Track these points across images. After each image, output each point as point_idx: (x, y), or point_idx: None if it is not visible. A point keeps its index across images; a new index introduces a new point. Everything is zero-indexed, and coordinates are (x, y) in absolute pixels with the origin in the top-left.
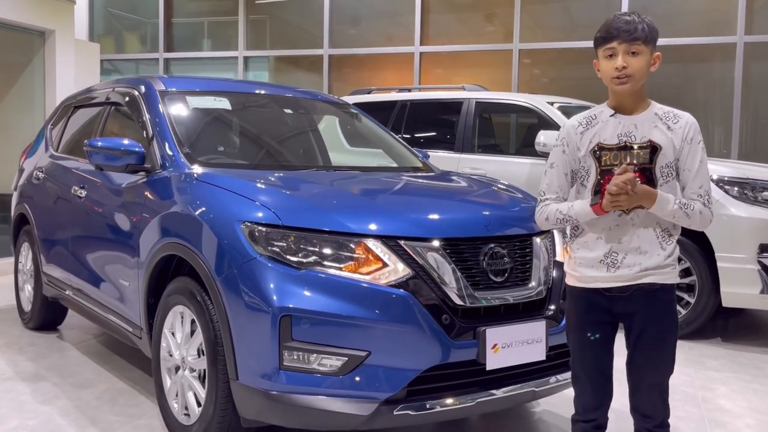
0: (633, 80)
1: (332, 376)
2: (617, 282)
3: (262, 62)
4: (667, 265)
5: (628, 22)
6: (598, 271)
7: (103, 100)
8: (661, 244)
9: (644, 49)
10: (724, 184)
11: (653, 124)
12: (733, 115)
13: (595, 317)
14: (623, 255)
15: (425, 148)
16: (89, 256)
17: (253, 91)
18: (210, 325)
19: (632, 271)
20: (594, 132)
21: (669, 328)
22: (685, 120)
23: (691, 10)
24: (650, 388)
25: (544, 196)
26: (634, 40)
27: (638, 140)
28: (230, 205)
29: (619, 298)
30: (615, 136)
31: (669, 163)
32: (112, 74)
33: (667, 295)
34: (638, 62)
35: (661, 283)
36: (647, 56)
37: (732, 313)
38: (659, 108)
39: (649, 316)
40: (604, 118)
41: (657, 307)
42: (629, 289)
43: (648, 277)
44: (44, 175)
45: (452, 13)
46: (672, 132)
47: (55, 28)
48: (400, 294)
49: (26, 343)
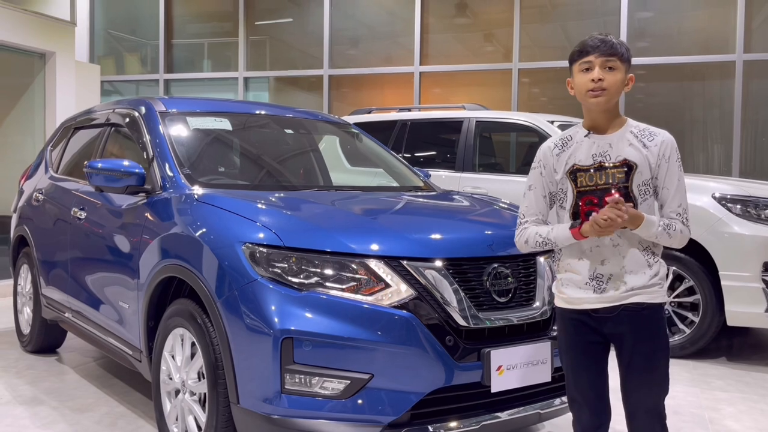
0: (607, 95)
1: (335, 400)
2: (604, 303)
3: (262, 83)
4: (653, 284)
5: (604, 39)
6: (584, 292)
7: (103, 121)
8: (648, 262)
9: (620, 66)
10: (727, 202)
11: (628, 142)
12: (734, 133)
13: (586, 338)
14: (608, 276)
15: (426, 168)
16: (89, 278)
17: (253, 111)
18: (210, 348)
19: (618, 291)
20: (569, 153)
21: (659, 348)
22: (661, 138)
23: (690, 29)
24: (647, 415)
25: (524, 218)
26: (611, 55)
27: (613, 159)
28: (231, 226)
29: (606, 319)
30: (590, 157)
31: (646, 181)
32: (112, 95)
33: (655, 315)
34: (614, 77)
35: (649, 302)
36: (622, 74)
37: (737, 332)
38: (635, 126)
39: (638, 337)
40: (579, 138)
41: (646, 327)
42: (616, 309)
43: (635, 296)
44: (44, 197)
45: (451, 32)
46: (647, 150)
47: (55, 50)
48: (403, 315)
49: (25, 366)
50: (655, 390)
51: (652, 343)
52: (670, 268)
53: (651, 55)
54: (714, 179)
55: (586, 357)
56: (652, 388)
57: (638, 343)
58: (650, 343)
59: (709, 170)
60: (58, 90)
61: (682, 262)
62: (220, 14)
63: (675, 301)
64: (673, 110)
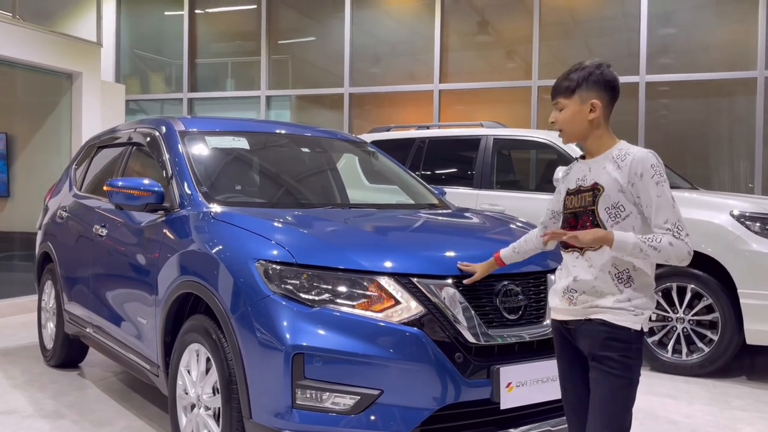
0: (565, 133)
1: (345, 415)
2: (572, 315)
3: (284, 101)
4: (621, 307)
5: (559, 79)
6: (561, 303)
7: (126, 140)
8: (618, 286)
9: (566, 101)
10: (746, 219)
11: (603, 165)
12: (756, 149)
13: (567, 348)
14: (580, 293)
15: (444, 185)
16: (109, 294)
17: (272, 130)
18: (224, 363)
19: (583, 306)
20: (569, 177)
21: (614, 372)
22: (632, 156)
23: (712, 45)
24: None
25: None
26: (554, 97)
27: (587, 183)
28: (245, 244)
29: (576, 331)
30: (574, 181)
31: (615, 203)
32: (137, 114)
33: (617, 337)
34: (562, 116)
35: (613, 323)
36: (573, 107)
37: (757, 351)
38: (618, 148)
39: (597, 356)
40: (577, 163)
41: (606, 348)
42: (579, 323)
43: (600, 314)
44: (67, 214)
45: (471, 50)
46: (619, 170)
47: (82, 71)
48: (413, 332)
49: (47, 381)
50: (598, 420)
51: (609, 367)
52: (689, 286)
53: (672, 71)
54: (733, 197)
55: (569, 366)
56: (596, 417)
57: (596, 360)
58: (607, 367)
59: (734, 188)
60: (84, 109)
61: (701, 280)
62: (243, 34)
63: (694, 319)
64: (694, 127)
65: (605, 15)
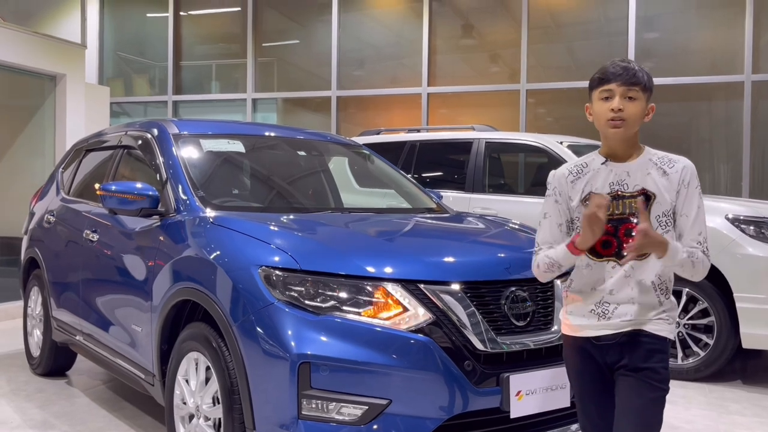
0: (626, 125)
1: (352, 426)
2: (606, 330)
3: (270, 104)
4: (660, 318)
5: (626, 67)
6: (588, 320)
7: (116, 143)
8: (659, 297)
9: (641, 95)
10: (740, 223)
11: (646, 171)
12: (743, 153)
13: (590, 367)
14: (615, 306)
15: (435, 188)
16: (101, 300)
17: (265, 133)
18: (226, 373)
19: (621, 319)
20: (585, 181)
21: (655, 384)
22: (681, 164)
23: (699, 49)
24: None
25: (538, 247)
26: (633, 84)
27: (630, 189)
28: (246, 249)
29: (608, 346)
30: (606, 185)
31: (666, 212)
32: (120, 117)
33: (655, 347)
34: (634, 107)
35: (651, 333)
36: (643, 104)
37: (753, 355)
38: (654, 154)
39: (640, 368)
40: (596, 166)
41: (650, 360)
42: (617, 337)
43: (638, 325)
44: (55, 219)
45: (459, 54)
46: (667, 177)
47: (66, 72)
48: (421, 339)
49: (34, 390)
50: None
51: (648, 376)
52: (684, 290)
53: (659, 75)
54: (727, 200)
55: (593, 385)
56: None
57: (634, 372)
58: (646, 376)
59: (719, 191)
60: (68, 112)
61: (696, 284)
62: (229, 36)
63: (689, 323)
64: (681, 131)
65: (593, 18)
